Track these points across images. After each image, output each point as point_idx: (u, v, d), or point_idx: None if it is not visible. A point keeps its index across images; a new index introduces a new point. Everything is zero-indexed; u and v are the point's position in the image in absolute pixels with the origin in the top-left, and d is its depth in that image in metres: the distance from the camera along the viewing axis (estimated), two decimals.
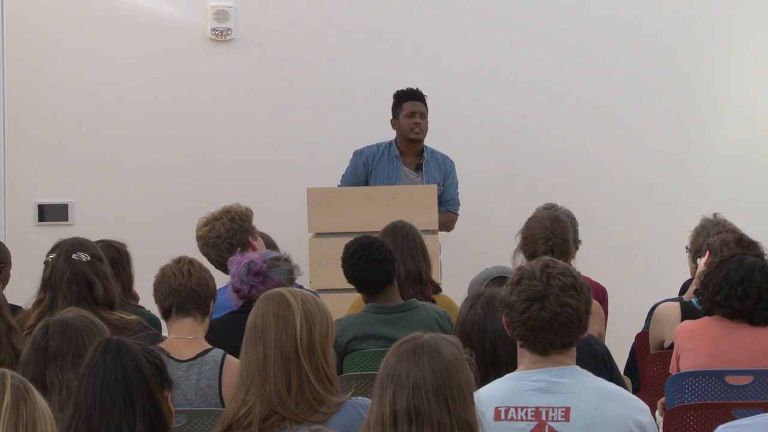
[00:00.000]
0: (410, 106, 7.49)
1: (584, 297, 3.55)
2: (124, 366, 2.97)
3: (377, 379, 2.99)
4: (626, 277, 8.24)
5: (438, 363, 2.94)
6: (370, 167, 7.52)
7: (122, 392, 2.95)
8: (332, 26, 8.51)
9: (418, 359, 2.95)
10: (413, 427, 2.90)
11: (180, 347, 4.45)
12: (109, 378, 2.96)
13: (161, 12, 8.40)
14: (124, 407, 2.94)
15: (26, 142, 8.24)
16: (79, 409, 2.95)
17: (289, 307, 3.46)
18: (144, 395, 2.97)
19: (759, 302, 4.89)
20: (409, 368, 2.94)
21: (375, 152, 7.55)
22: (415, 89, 7.56)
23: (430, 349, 2.96)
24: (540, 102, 8.62)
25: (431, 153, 7.58)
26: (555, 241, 5.68)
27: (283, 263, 5.05)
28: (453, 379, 2.94)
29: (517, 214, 6.27)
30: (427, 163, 7.54)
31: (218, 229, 5.64)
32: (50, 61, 8.34)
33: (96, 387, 2.96)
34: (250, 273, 4.94)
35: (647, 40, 8.67)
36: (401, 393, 2.92)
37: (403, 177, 7.51)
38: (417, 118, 7.48)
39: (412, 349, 2.97)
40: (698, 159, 8.71)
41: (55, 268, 4.79)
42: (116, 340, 3.04)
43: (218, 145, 8.45)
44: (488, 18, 8.58)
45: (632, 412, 3.51)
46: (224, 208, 5.77)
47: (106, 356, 2.99)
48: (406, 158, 7.56)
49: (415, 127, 7.47)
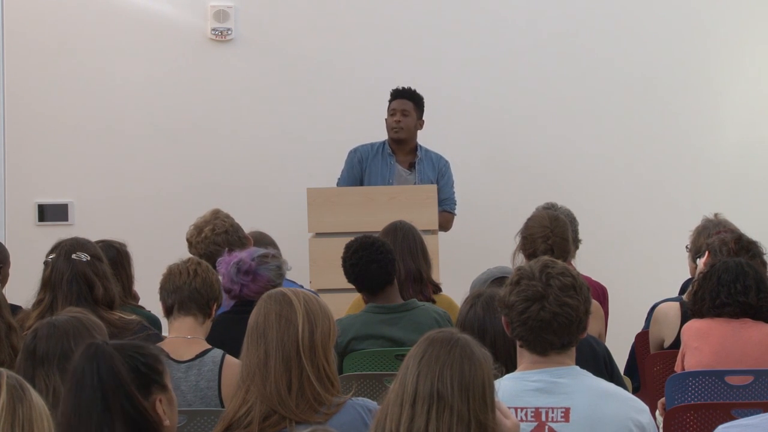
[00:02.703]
0: (395, 104, 7.52)
1: (584, 297, 3.55)
2: (100, 371, 2.94)
3: (405, 360, 3.00)
4: (626, 277, 8.24)
5: (469, 358, 2.94)
6: (364, 165, 7.53)
7: (99, 397, 2.93)
8: (332, 26, 8.51)
9: (451, 348, 2.95)
10: (433, 410, 2.90)
11: (179, 347, 4.45)
12: (87, 383, 2.94)
13: (161, 12, 8.40)
14: (101, 412, 2.92)
15: (26, 142, 8.24)
16: (64, 414, 2.95)
17: (291, 307, 3.46)
18: (122, 400, 2.93)
19: (760, 292, 4.97)
20: (440, 353, 2.95)
21: (369, 151, 7.57)
22: (402, 88, 7.57)
23: (464, 344, 2.98)
24: (540, 102, 8.61)
25: (425, 152, 7.58)
26: (555, 240, 5.68)
27: (272, 259, 5.06)
28: (478, 377, 2.94)
29: (517, 214, 6.27)
30: (420, 162, 7.54)
31: (220, 225, 5.68)
32: (50, 61, 8.34)
33: (76, 392, 2.95)
34: (239, 272, 4.96)
35: (648, 41, 8.66)
36: (426, 375, 2.92)
37: (396, 175, 7.51)
38: (398, 116, 7.48)
39: (447, 338, 2.98)
40: (699, 159, 8.71)
41: (55, 268, 4.79)
42: (95, 344, 3.01)
43: (218, 145, 8.45)
44: (489, 18, 8.58)
45: (632, 412, 3.51)
46: (212, 211, 5.79)
47: (85, 361, 2.97)
48: (399, 156, 7.56)
49: (395, 125, 7.48)
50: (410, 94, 7.53)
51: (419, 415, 2.89)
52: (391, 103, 7.54)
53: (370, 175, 7.50)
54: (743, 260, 5.13)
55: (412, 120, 7.51)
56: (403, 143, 7.52)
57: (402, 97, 7.52)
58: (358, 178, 7.52)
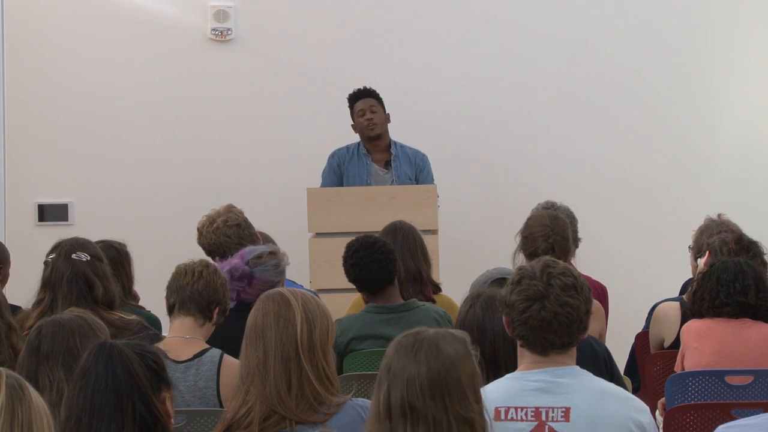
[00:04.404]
0: (360, 105, 7.53)
1: (584, 297, 3.55)
2: (115, 371, 2.94)
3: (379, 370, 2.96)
4: (626, 277, 8.24)
5: (435, 359, 2.90)
6: (342, 168, 7.53)
7: (112, 398, 2.93)
8: (332, 26, 8.51)
9: (415, 354, 2.90)
10: (408, 423, 2.87)
11: (178, 347, 4.44)
12: (100, 383, 2.94)
13: (161, 12, 8.40)
14: (113, 413, 2.91)
15: (26, 142, 8.24)
16: (72, 414, 2.94)
17: (289, 307, 3.46)
18: (135, 400, 2.93)
19: (759, 292, 4.97)
20: (405, 363, 2.90)
21: (345, 153, 7.59)
22: (361, 88, 7.58)
23: (430, 344, 2.92)
24: (541, 102, 8.61)
25: (400, 148, 7.58)
26: (555, 239, 5.67)
27: (267, 257, 5.05)
28: (451, 375, 2.89)
29: (517, 214, 6.26)
30: (396, 159, 7.53)
31: (234, 219, 5.70)
32: (50, 61, 8.34)
33: (87, 392, 2.94)
34: (233, 279, 4.96)
35: (648, 41, 8.66)
36: (396, 387, 2.88)
37: (373, 175, 7.51)
38: (368, 114, 7.50)
39: (411, 343, 2.93)
40: (699, 159, 8.70)
41: (55, 268, 4.79)
42: (109, 344, 3.01)
43: (218, 144, 8.45)
44: (489, 18, 8.58)
45: (632, 412, 3.51)
46: (227, 206, 5.80)
47: (98, 361, 2.97)
48: (374, 156, 7.57)
49: (367, 123, 7.49)
50: (369, 92, 7.56)
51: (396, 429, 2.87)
52: (354, 106, 7.55)
53: (348, 177, 7.50)
54: (742, 260, 5.13)
55: (381, 114, 7.54)
56: (378, 139, 7.52)
57: (364, 96, 7.55)
58: (338, 182, 7.53)
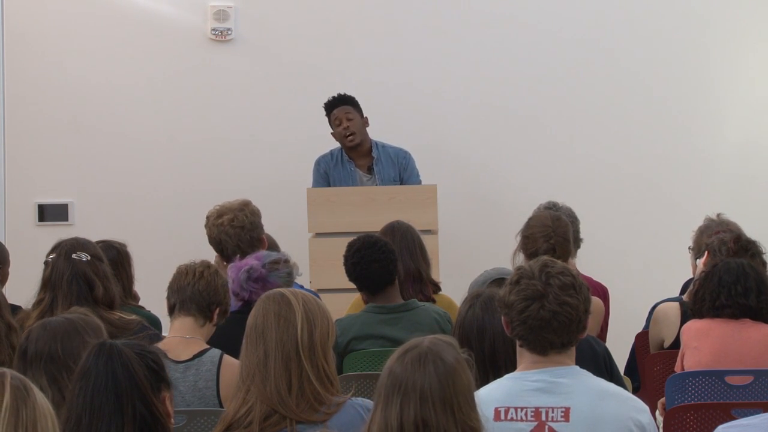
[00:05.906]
0: (336, 114, 7.44)
1: (583, 296, 3.55)
2: (115, 371, 2.94)
3: (380, 388, 2.94)
4: (626, 277, 8.24)
5: (443, 370, 2.90)
6: (328, 176, 7.49)
7: (112, 398, 2.93)
8: (332, 26, 8.51)
9: (423, 368, 2.90)
10: None
11: (177, 347, 4.45)
12: (100, 383, 2.94)
13: (161, 12, 8.40)
14: (113, 413, 2.92)
15: (26, 142, 8.24)
16: (72, 414, 2.94)
17: (290, 307, 3.46)
18: (135, 400, 2.93)
19: (761, 294, 4.96)
20: (416, 378, 2.89)
21: (329, 161, 7.51)
22: (336, 95, 7.49)
23: (434, 356, 2.92)
24: (541, 102, 8.61)
25: (382, 148, 7.52)
26: (556, 239, 5.66)
27: (283, 265, 5.07)
28: (458, 385, 2.90)
29: (518, 214, 6.26)
30: (378, 162, 7.46)
31: (241, 219, 5.66)
32: (50, 61, 8.34)
33: (87, 392, 2.95)
34: (249, 279, 4.97)
35: (648, 41, 8.66)
36: (408, 404, 2.87)
37: (358, 181, 7.46)
38: (344, 123, 7.40)
39: (416, 357, 2.92)
40: (699, 159, 8.70)
41: (55, 268, 4.79)
42: (109, 344, 3.01)
43: (218, 144, 8.44)
44: (490, 19, 8.57)
45: (632, 412, 3.51)
46: (242, 202, 5.79)
47: (98, 361, 2.97)
48: (357, 161, 7.49)
49: (344, 132, 7.41)
50: (343, 99, 7.47)
51: None
52: (330, 115, 7.45)
53: (335, 184, 7.44)
54: (745, 261, 5.11)
55: (358, 121, 7.44)
56: (359, 147, 7.46)
57: (339, 104, 7.45)
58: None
